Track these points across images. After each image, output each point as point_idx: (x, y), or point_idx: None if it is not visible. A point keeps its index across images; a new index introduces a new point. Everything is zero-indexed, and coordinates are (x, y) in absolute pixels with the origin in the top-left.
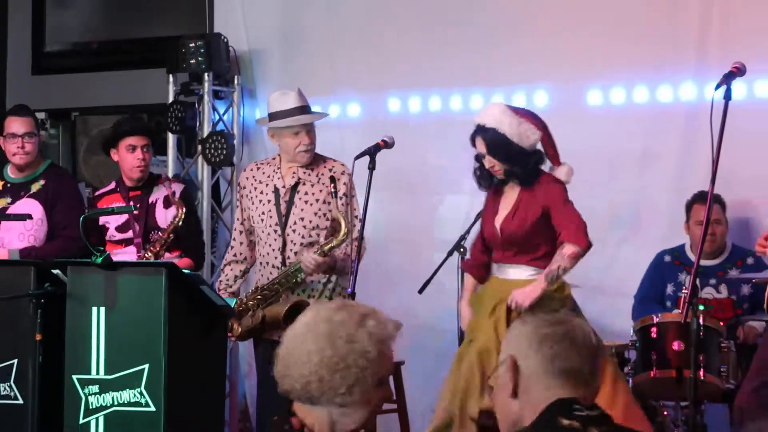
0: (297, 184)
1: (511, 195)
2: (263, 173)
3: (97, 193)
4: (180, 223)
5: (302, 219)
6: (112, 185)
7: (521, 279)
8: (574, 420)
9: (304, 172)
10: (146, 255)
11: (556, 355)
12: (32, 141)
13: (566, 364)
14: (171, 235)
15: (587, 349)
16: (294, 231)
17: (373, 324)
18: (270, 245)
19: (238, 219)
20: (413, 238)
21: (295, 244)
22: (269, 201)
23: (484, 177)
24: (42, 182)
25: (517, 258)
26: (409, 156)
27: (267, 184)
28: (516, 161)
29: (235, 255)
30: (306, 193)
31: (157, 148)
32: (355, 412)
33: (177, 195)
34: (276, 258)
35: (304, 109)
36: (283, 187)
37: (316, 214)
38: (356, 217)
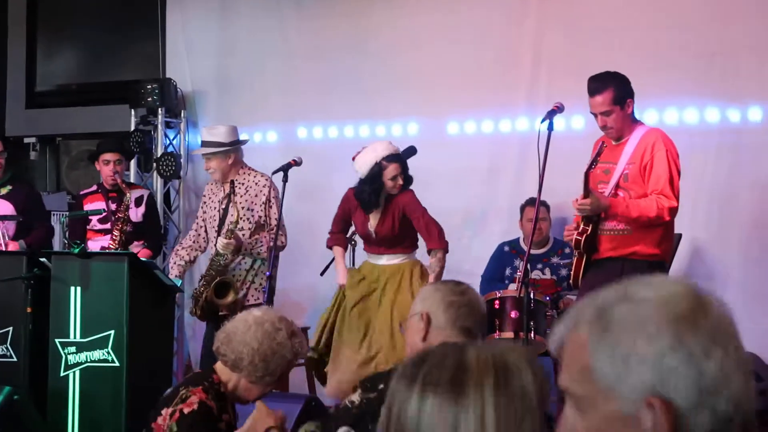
0: (230, 194)
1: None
2: (216, 187)
3: (81, 192)
4: (128, 203)
5: (231, 222)
6: (94, 187)
7: (394, 264)
8: None
9: (235, 185)
10: (113, 234)
11: (459, 316)
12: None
13: (465, 324)
14: (127, 215)
15: (480, 314)
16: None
17: (297, 341)
18: (212, 240)
19: (196, 221)
20: (317, 233)
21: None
22: (215, 209)
23: (371, 200)
24: (9, 187)
25: (389, 250)
26: (313, 171)
27: (216, 195)
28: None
29: (180, 257)
30: (235, 201)
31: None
32: (254, 390)
33: (145, 199)
34: (213, 250)
35: (203, 143)
36: (223, 198)
37: (241, 218)
38: (277, 220)
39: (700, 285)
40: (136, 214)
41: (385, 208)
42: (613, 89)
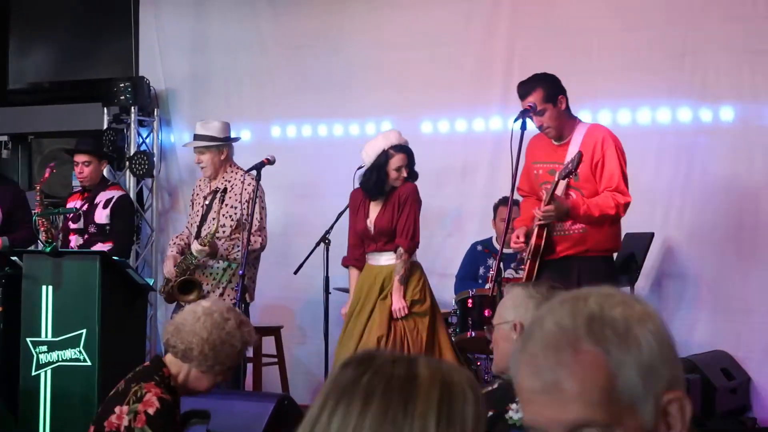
0: (215, 192)
1: (378, 200)
2: (203, 182)
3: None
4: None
5: (213, 219)
6: (79, 188)
7: (392, 264)
8: None
9: (220, 183)
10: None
11: None
12: None
13: None
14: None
15: None
16: (208, 227)
17: (246, 330)
18: (193, 236)
19: (189, 215)
20: (290, 231)
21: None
22: (199, 204)
23: (375, 188)
24: None
25: (387, 246)
26: (287, 170)
27: (202, 191)
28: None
29: (180, 239)
30: (222, 211)
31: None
32: (205, 380)
33: (113, 201)
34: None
35: (197, 137)
36: (208, 194)
37: (224, 215)
38: (259, 221)
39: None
40: (101, 215)
41: (386, 200)
42: (542, 88)
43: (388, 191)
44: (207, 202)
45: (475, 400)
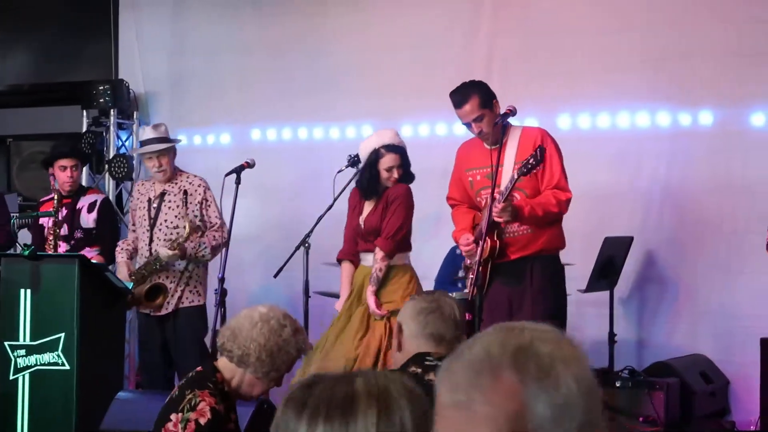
0: (163, 194)
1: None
2: (144, 187)
3: (41, 200)
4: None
5: (165, 221)
6: (53, 195)
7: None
8: (419, 368)
9: (169, 185)
10: (48, 239)
11: (428, 323)
12: None
13: (433, 330)
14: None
15: (451, 319)
16: (160, 230)
17: (302, 338)
18: (143, 240)
19: (130, 221)
20: (270, 234)
21: (160, 239)
22: (144, 208)
23: (369, 187)
24: None
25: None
26: (267, 173)
27: (145, 195)
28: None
29: (128, 244)
30: (170, 201)
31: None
32: (259, 386)
33: (98, 205)
34: (146, 250)
35: (154, 140)
36: (154, 197)
37: (176, 216)
38: (217, 218)
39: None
40: (87, 219)
41: (379, 199)
42: (476, 95)
43: (382, 191)
44: (156, 206)
45: (413, 406)
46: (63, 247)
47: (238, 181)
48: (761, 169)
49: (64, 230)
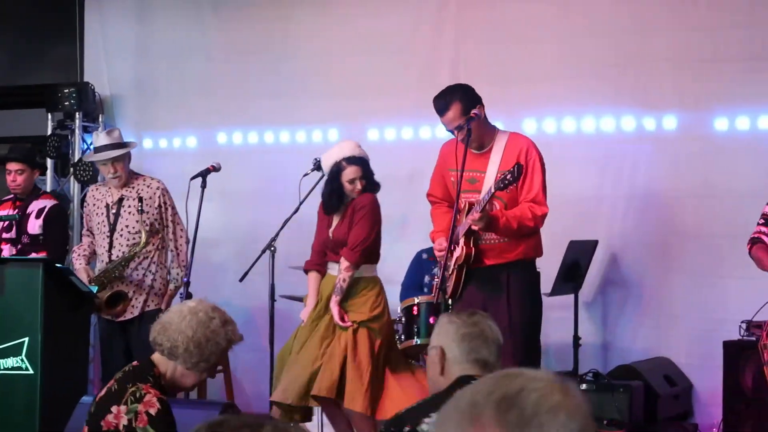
0: (121, 199)
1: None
2: (99, 193)
3: (2, 199)
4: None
5: (127, 227)
6: (11, 195)
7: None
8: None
9: (126, 190)
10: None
11: (472, 349)
12: None
13: (478, 356)
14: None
15: (494, 344)
16: (121, 236)
17: (231, 329)
18: (103, 246)
19: (85, 226)
20: (235, 238)
21: (121, 245)
22: (102, 214)
23: (332, 201)
24: None
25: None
26: (233, 177)
27: (101, 200)
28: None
29: (84, 249)
30: (130, 207)
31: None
32: (190, 377)
33: (46, 211)
34: (105, 256)
35: (109, 146)
36: (112, 203)
37: (137, 222)
38: (176, 223)
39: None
40: (33, 225)
41: (345, 211)
42: (459, 101)
43: (348, 203)
44: (114, 212)
45: None
46: (6, 251)
47: (203, 185)
48: (724, 173)
49: (12, 233)
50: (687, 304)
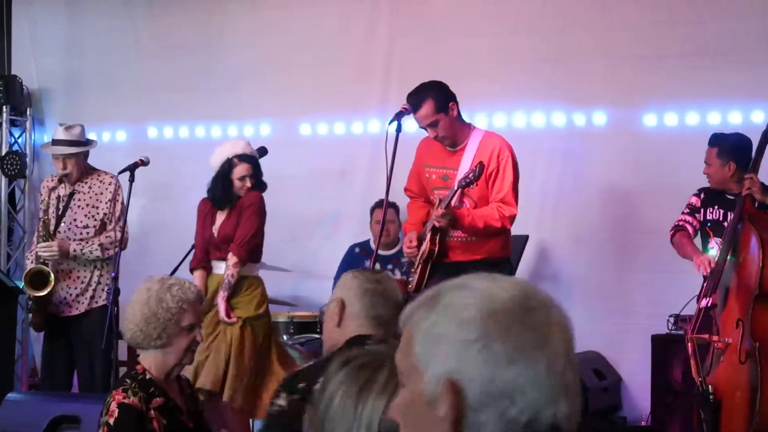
0: (72, 193)
1: (225, 208)
2: (53, 183)
3: None
4: None
5: (75, 221)
6: None
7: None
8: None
9: (79, 185)
10: None
11: (373, 305)
12: None
13: (376, 312)
14: None
15: (395, 304)
16: (69, 230)
17: (177, 289)
18: (53, 238)
19: (39, 219)
20: (164, 235)
21: (70, 239)
22: (53, 205)
23: (222, 196)
24: None
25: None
26: (165, 172)
27: (55, 192)
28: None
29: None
30: (80, 200)
31: None
32: (172, 350)
33: None
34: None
35: (64, 142)
36: (63, 195)
37: (86, 215)
38: (119, 219)
39: (548, 293)
40: None
41: (232, 208)
42: (432, 99)
43: (235, 200)
44: (64, 203)
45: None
46: None
47: (131, 179)
48: (653, 168)
49: None
50: (616, 298)
